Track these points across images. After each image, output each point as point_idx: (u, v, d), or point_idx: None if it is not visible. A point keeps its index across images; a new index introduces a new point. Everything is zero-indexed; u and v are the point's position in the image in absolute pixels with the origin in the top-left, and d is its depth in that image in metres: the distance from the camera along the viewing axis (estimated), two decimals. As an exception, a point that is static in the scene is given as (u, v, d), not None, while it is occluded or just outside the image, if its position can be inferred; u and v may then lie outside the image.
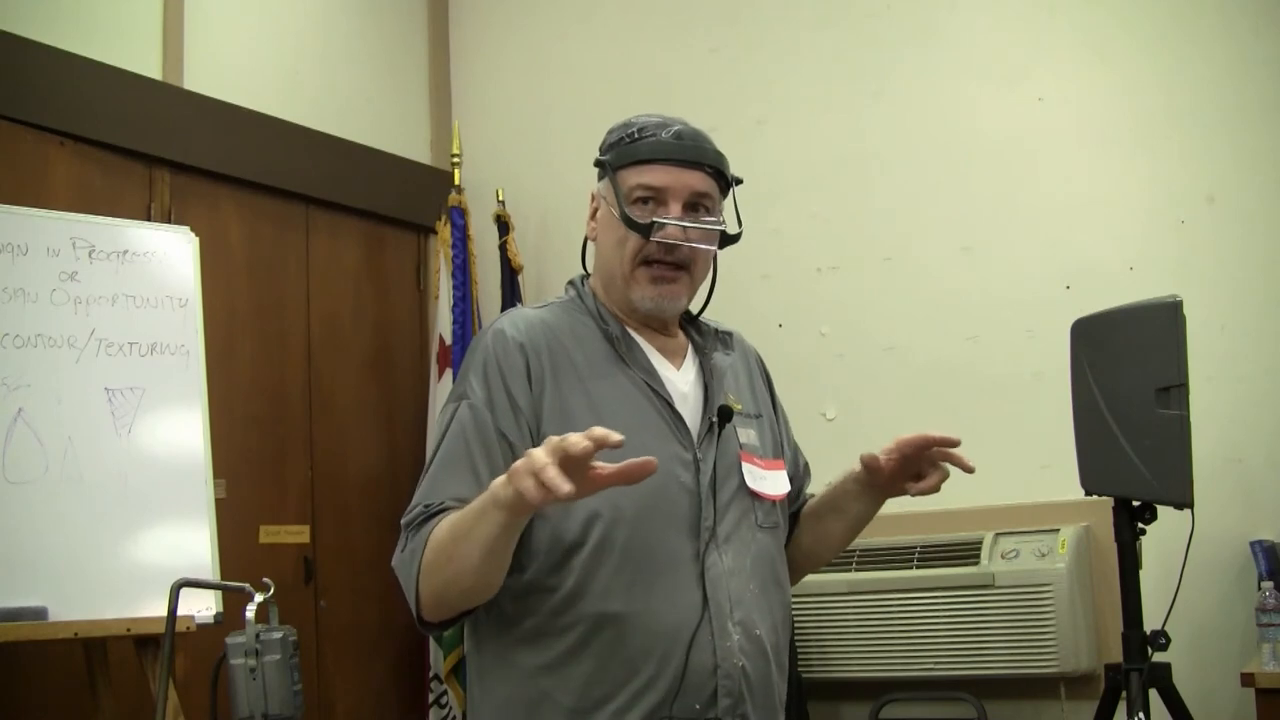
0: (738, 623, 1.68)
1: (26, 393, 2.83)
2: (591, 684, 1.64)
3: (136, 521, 2.90)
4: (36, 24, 3.31)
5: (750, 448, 1.80)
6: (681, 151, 1.74)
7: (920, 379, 3.77)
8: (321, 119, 4.10)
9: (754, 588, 1.72)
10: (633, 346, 1.77)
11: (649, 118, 1.79)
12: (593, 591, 1.64)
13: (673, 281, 1.75)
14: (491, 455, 1.65)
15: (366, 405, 4.15)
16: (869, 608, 3.55)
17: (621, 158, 1.76)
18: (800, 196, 4.01)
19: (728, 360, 1.86)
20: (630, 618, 1.63)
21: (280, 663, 1.96)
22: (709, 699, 1.65)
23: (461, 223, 4.33)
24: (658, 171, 1.73)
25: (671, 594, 1.65)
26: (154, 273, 3.10)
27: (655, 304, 1.76)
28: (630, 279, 1.76)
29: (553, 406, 1.69)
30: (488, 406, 1.67)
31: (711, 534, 1.69)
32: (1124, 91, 3.62)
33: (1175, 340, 2.73)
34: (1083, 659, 3.35)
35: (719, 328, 1.91)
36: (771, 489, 1.80)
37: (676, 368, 1.81)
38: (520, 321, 1.76)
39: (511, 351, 1.70)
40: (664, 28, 4.32)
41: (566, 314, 1.80)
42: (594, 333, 1.77)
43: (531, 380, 1.69)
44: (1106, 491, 2.82)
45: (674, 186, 1.73)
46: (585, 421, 1.63)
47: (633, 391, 1.73)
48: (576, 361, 1.73)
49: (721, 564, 1.69)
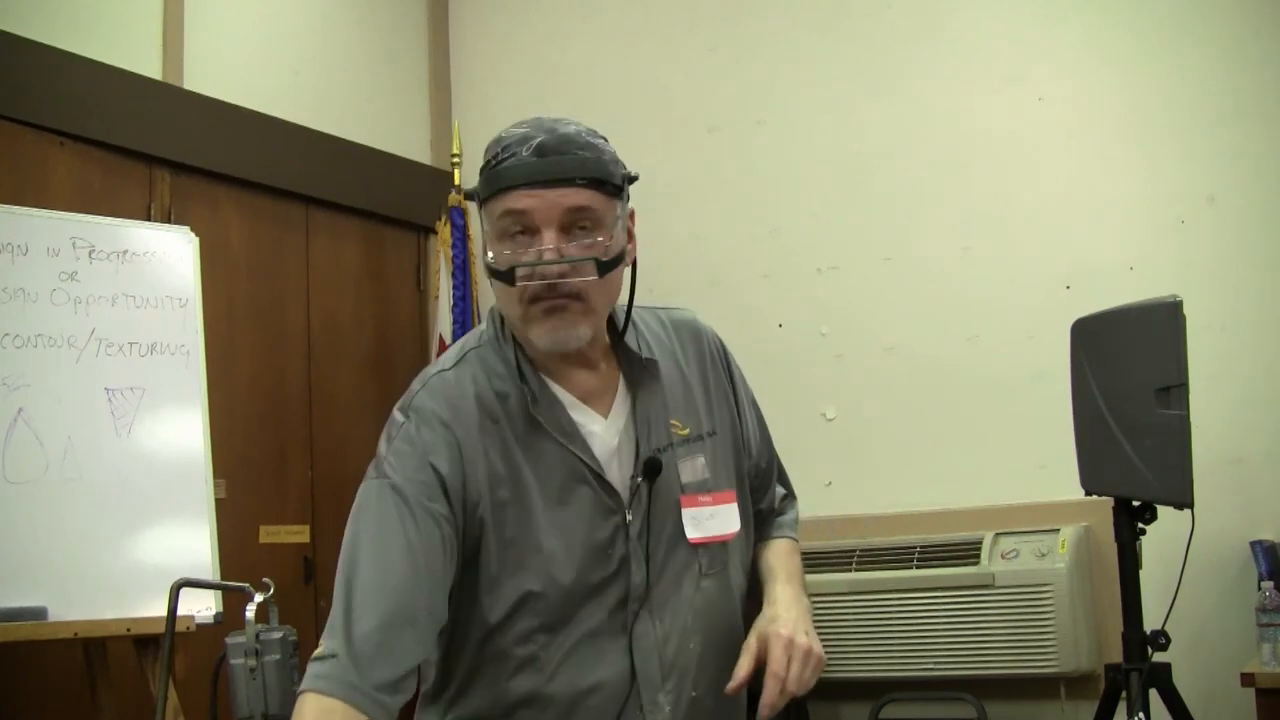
0: (669, 691, 1.60)
1: (26, 393, 2.83)
2: None
3: (136, 521, 2.91)
4: (36, 24, 3.31)
5: (694, 485, 1.66)
6: (544, 171, 1.52)
7: (920, 379, 3.77)
8: (321, 119, 4.10)
9: (694, 646, 1.63)
10: (553, 405, 1.61)
11: (514, 131, 1.57)
12: (515, 668, 1.57)
13: (564, 310, 1.54)
14: (422, 526, 1.51)
15: (366, 405, 4.15)
16: (869, 608, 3.55)
17: (486, 187, 1.56)
18: (800, 196, 4.01)
19: (660, 388, 1.68)
20: (554, 698, 1.57)
21: (280, 663, 1.96)
22: None
23: (461, 223, 4.33)
24: (521, 197, 1.52)
25: (595, 674, 1.57)
26: (154, 273, 3.10)
27: (552, 341, 1.56)
28: (525, 320, 1.56)
29: (472, 481, 1.56)
30: (410, 488, 1.53)
31: (644, 601, 1.59)
32: (1124, 91, 3.62)
33: (1175, 340, 2.73)
34: (1083, 659, 3.35)
35: (643, 355, 1.67)
36: (720, 529, 1.67)
37: (604, 414, 1.64)
38: (438, 394, 1.60)
39: (435, 428, 1.57)
40: (664, 28, 4.32)
41: (484, 369, 1.63)
42: (513, 389, 1.61)
43: (449, 459, 1.56)
44: (1106, 491, 2.82)
45: (540, 209, 1.52)
46: (503, 492, 1.56)
47: (553, 456, 1.59)
48: (490, 430, 1.59)
49: (654, 632, 1.60)
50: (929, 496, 3.70)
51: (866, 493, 3.75)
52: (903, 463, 3.79)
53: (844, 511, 3.77)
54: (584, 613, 1.58)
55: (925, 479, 3.73)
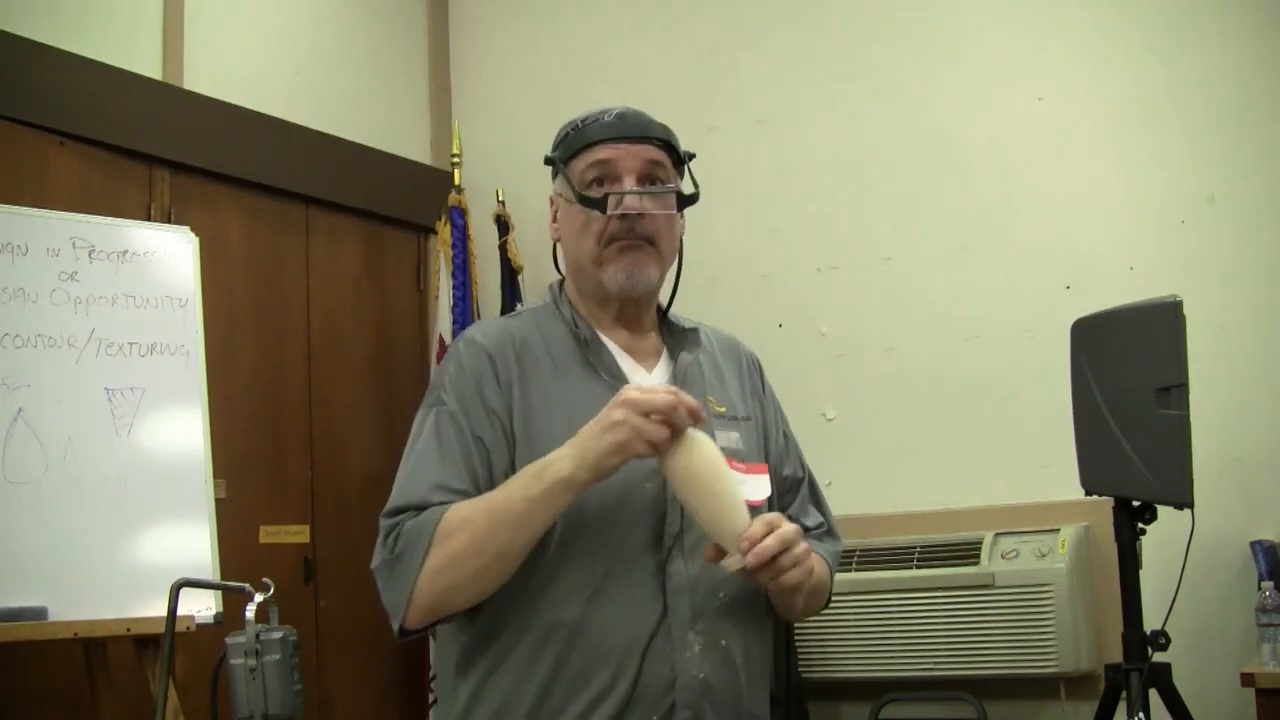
0: (700, 633, 1.65)
1: (26, 393, 2.83)
2: (546, 693, 1.62)
3: (136, 521, 2.90)
4: (36, 24, 3.31)
5: (731, 451, 1.74)
6: (626, 128, 1.76)
7: (920, 379, 3.77)
8: (321, 119, 4.10)
9: (723, 596, 1.68)
10: (601, 350, 1.75)
11: (592, 109, 1.80)
12: (549, 597, 1.63)
13: (639, 250, 1.73)
14: (468, 456, 1.66)
15: (366, 405, 4.15)
16: (869, 608, 3.55)
17: (569, 147, 1.77)
18: (800, 196, 4.01)
19: (691, 358, 1.81)
20: (585, 627, 1.62)
21: (280, 663, 1.96)
22: (666, 712, 1.62)
23: (461, 223, 4.34)
24: (606, 149, 1.74)
25: (629, 603, 1.63)
26: (154, 273, 3.10)
27: (628, 278, 1.73)
28: (599, 261, 1.74)
29: (522, 408, 1.68)
30: (462, 411, 1.68)
31: (676, 541, 1.66)
32: (1124, 91, 3.62)
33: (1175, 340, 2.73)
34: (1083, 659, 3.35)
35: (684, 325, 1.87)
36: (750, 493, 1.72)
37: (648, 371, 1.79)
38: (489, 329, 1.77)
39: (481, 358, 1.71)
40: (664, 28, 4.32)
41: (536, 320, 1.79)
42: (564, 337, 1.76)
43: (500, 384, 1.70)
44: (1106, 491, 2.82)
45: (624, 159, 1.74)
46: (552, 423, 1.66)
47: (600, 395, 1.67)
48: (544, 366, 1.72)
49: (685, 573, 1.66)
50: (929, 496, 3.70)
51: (866, 493, 3.75)
52: (903, 463, 3.79)
53: (844, 511, 3.69)
54: (618, 544, 1.65)
55: (925, 479, 3.73)
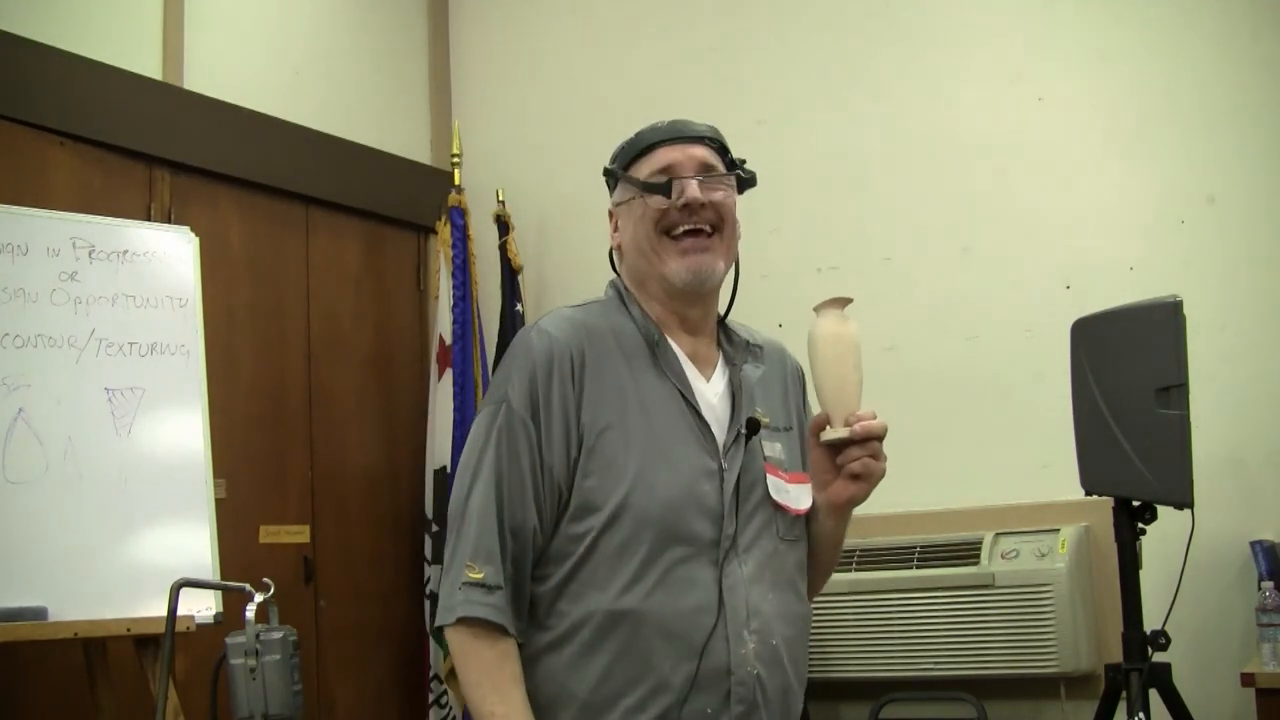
0: (754, 631, 1.70)
1: (26, 393, 2.83)
2: (605, 680, 1.66)
3: (136, 521, 2.90)
4: (36, 24, 3.31)
5: (776, 461, 1.82)
6: (682, 130, 1.82)
7: (920, 379, 3.77)
8: (322, 119, 4.11)
9: (773, 598, 1.74)
10: (667, 351, 1.79)
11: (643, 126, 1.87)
12: (612, 585, 1.67)
13: (705, 250, 1.78)
14: (536, 486, 1.70)
15: (366, 405, 4.15)
16: (869, 608, 3.55)
17: (626, 155, 1.84)
18: (800, 196, 4.01)
19: (757, 373, 1.88)
20: (647, 616, 1.66)
21: (280, 663, 1.96)
22: (721, 703, 1.67)
23: (461, 223, 4.33)
24: (664, 151, 1.80)
25: (688, 599, 1.68)
26: (154, 273, 3.10)
27: (692, 273, 1.77)
28: (660, 254, 1.78)
29: (592, 396, 1.72)
30: (528, 411, 1.70)
31: (732, 544, 1.72)
32: (1124, 91, 3.62)
33: (1175, 340, 2.74)
34: (1083, 659, 3.35)
35: (751, 340, 1.92)
36: (794, 502, 1.81)
37: (707, 378, 1.82)
38: (561, 320, 1.79)
39: (551, 350, 1.73)
40: (664, 27, 4.32)
41: (605, 314, 1.82)
42: (632, 333, 1.80)
43: (573, 376, 1.73)
44: (1106, 491, 2.82)
45: (682, 160, 1.79)
46: (620, 413, 1.71)
47: (665, 396, 1.75)
48: (615, 357, 1.76)
49: (740, 573, 1.72)
50: (929, 496, 3.70)
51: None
52: (903, 463, 3.74)
53: (844, 511, 3.76)
54: (678, 541, 1.69)
55: (925, 479, 3.72)
